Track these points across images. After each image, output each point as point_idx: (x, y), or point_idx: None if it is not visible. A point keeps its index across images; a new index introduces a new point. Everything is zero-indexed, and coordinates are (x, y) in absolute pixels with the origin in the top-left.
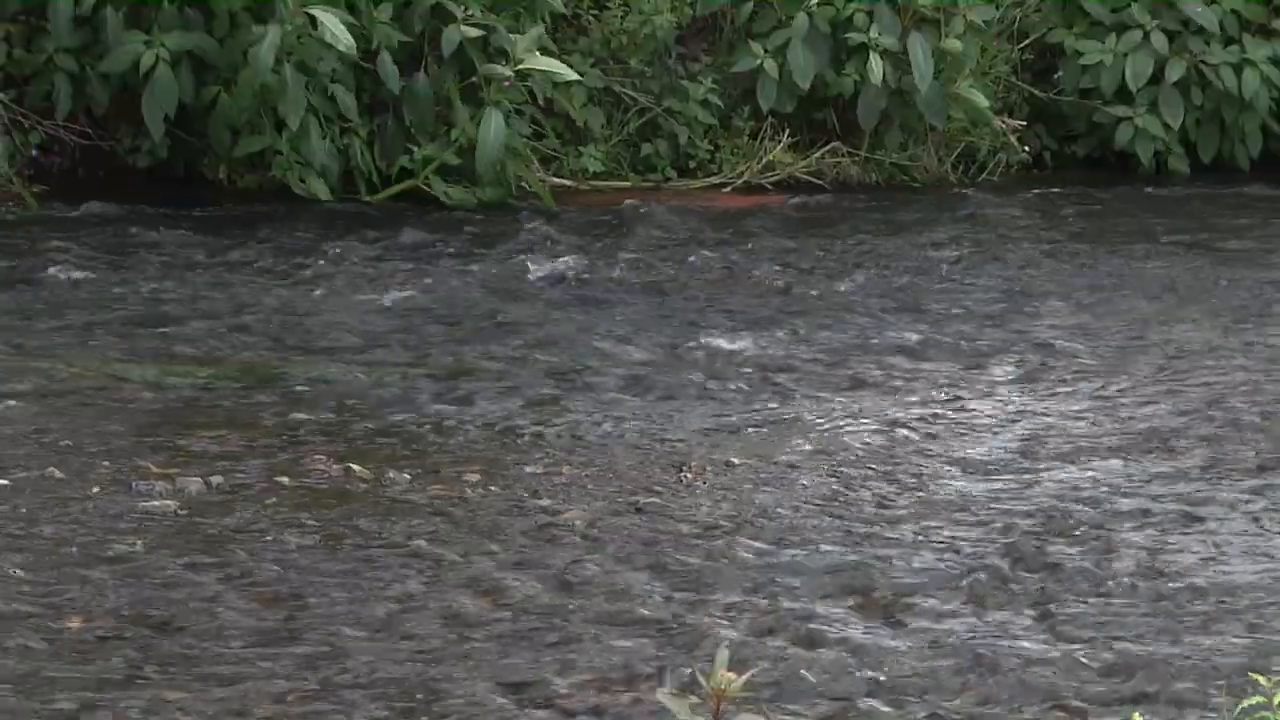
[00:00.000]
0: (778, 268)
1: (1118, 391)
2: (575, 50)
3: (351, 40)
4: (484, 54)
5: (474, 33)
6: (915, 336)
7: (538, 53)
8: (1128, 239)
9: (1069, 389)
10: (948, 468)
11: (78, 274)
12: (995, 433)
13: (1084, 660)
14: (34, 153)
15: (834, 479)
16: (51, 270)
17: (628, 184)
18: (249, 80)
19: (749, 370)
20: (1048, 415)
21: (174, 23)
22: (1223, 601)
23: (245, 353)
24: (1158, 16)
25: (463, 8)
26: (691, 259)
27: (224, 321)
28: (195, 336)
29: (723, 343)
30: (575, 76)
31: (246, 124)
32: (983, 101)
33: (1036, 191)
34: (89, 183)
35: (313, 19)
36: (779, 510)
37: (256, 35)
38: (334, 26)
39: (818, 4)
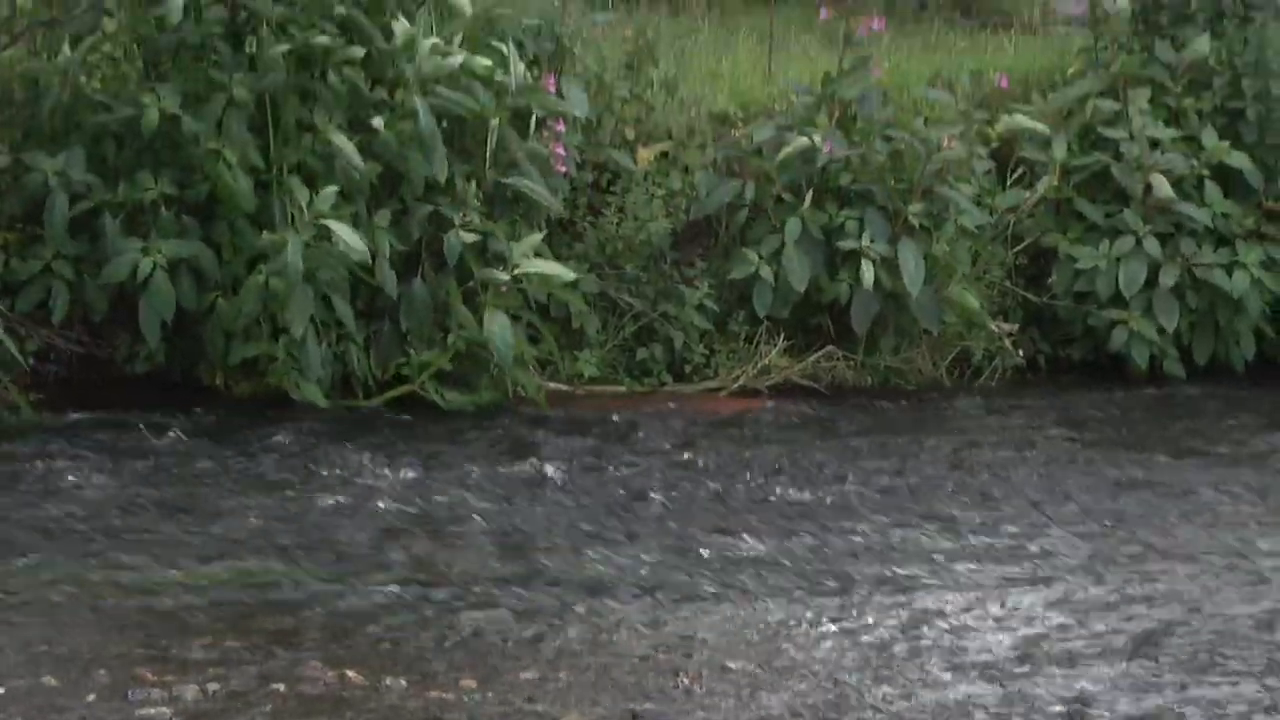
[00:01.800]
0: (774, 472)
1: (1111, 596)
2: (571, 255)
3: (365, 250)
4: (481, 259)
5: (471, 238)
6: (911, 541)
7: (535, 257)
8: (1122, 444)
9: (1063, 593)
10: (945, 672)
11: (74, 481)
12: (991, 636)
13: None
14: (30, 360)
15: (831, 683)
16: (48, 477)
17: (623, 388)
18: (254, 288)
19: (746, 574)
20: (1043, 619)
21: (171, 229)
22: None
23: (241, 558)
24: (1150, 221)
25: (460, 214)
26: (688, 463)
27: (220, 527)
28: (191, 542)
29: (719, 546)
30: (573, 276)
31: (242, 330)
32: (974, 304)
33: (1031, 395)
34: (85, 389)
35: (320, 228)
36: (777, 716)
37: (265, 244)
38: (348, 236)
39: (810, 211)
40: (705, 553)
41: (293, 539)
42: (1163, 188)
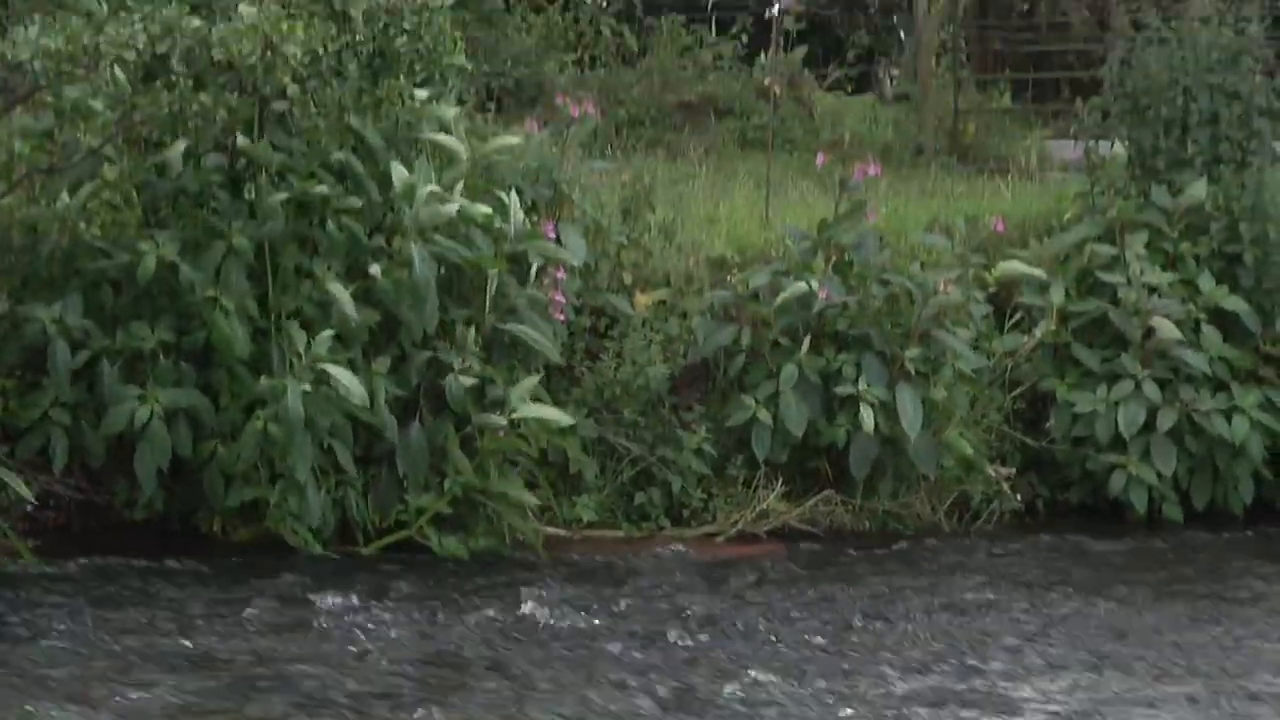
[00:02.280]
0: (774, 616)
1: None
2: (569, 400)
3: (365, 394)
4: (479, 404)
5: (470, 384)
6: (908, 686)
7: (533, 402)
8: (1121, 589)
9: None
10: None
11: (70, 628)
12: None
13: None
14: (29, 507)
15: None
16: (45, 625)
17: (621, 533)
18: (252, 433)
19: (750, 717)
20: None
21: (168, 377)
22: None
23: (237, 707)
24: (1149, 366)
25: (459, 359)
26: (685, 608)
27: (218, 675)
28: (189, 691)
29: (714, 690)
30: (570, 421)
31: (240, 476)
32: (968, 451)
33: (1030, 540)
34: (84, 536)
35: (320, 374)
36: None
37: (264, 389)
38: (349, 382)
39: (807, 355)
40: (699, 698)
41: (288, 685)
42: (1166, 330)
